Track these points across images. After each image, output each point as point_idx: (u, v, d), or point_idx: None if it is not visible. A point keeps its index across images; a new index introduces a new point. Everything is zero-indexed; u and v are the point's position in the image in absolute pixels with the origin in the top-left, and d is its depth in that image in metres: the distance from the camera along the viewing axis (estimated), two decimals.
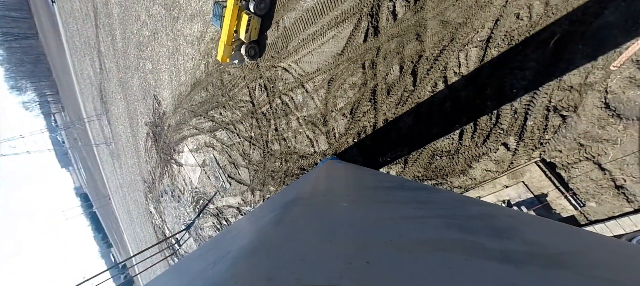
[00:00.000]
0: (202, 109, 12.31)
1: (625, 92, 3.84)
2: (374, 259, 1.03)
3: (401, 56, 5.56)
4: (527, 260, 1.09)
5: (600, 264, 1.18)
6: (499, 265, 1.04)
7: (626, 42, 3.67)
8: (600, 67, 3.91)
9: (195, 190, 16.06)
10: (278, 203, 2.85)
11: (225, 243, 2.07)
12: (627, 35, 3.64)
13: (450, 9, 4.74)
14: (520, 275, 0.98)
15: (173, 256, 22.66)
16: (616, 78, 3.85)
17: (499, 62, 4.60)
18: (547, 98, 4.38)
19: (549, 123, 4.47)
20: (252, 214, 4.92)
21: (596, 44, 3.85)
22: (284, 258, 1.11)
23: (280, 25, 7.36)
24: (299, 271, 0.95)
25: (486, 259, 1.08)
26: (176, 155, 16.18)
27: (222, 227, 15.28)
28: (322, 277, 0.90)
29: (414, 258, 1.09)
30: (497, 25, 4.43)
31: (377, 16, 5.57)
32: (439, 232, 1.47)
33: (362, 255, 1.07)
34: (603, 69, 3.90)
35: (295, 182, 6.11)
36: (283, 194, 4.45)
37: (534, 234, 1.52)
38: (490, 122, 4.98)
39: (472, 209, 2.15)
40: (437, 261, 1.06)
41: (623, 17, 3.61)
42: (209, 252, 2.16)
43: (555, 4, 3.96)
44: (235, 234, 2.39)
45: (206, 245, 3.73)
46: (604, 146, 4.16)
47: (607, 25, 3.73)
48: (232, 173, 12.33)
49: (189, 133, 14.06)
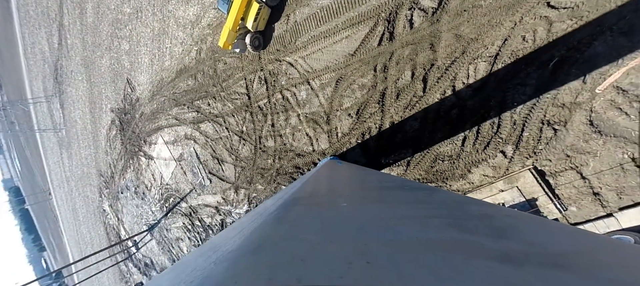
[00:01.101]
0: (186, 98, 11.51)
1: (606, 112, 4.51)
2: (374, 259, 1.03)
3: (414, 62, 5.87)
4: (527, 260, 1.11)
5: (600, 264, 1.20)
6: (499, 265, 1.04)
7: (610, 70, 4.35)
8: (588, 90, 4.56)
9: (166, 187, 14.74)
10: (278, 203, 2.84)
11: (226, 242, 2.05)
12: (611, 64, 4.32)
13: (465, 24, 5.18)
14: (520, 275, 0.99)
15: (127, 261, 20.28)
16: (600, 100, 4.52)
17: (504, 77, 5.11)
18: (542, 112, 4.95)
19: (542, 135, 5.04)
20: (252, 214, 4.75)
21: (586, 69, 4.49)
22: (284, 258, 1.11)
23: (291, 19, 7.31)
24: (299, 271, 0.95)
25: (486, 259, 1.09)
26: (147, 147, 14.77)
27: (194, 228, 14.19)
28: (322, 277, 0.90)
29: (414, 258, 1.10)
30: (505, 44, 4.94)
31: (394, 22, 5.85)
32: (439, 232, 1.49)
33: (362, 255, 1.08)
34: (590, 91, 4.55)
35: (296, 182, 6.01)
36: (283, 193, 4.40)
37: (533, 234, 1.56)
38: (492, 131, 5.45)
39: (472, 209, 2.21)
40: (437, 261, 1.07)
41: (609, 48, 4.29)
42: (209, 252, 2.15)
43: (555, 32, 4.57)
44: (235, 234, 2.35)
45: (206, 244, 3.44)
46: (586, 158, 4.80)
47: (596, 54, 4.39)
48: (214, 169, 11.61)
49: (166, 123, 12.98)
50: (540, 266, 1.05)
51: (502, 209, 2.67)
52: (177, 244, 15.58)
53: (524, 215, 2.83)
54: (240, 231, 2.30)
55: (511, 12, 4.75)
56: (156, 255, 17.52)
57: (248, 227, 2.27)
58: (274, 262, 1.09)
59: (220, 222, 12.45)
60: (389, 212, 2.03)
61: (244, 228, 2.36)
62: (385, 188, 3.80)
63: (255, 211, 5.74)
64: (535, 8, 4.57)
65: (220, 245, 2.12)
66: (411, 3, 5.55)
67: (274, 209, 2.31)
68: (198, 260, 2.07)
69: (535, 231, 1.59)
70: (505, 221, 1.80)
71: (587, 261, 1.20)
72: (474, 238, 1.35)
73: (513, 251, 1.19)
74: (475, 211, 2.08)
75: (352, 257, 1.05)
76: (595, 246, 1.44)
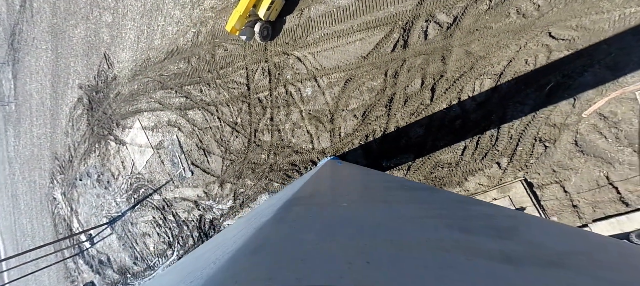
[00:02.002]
0: (175, 82, 10.79)
1: (589, 135, 5.14)
2: (374, 259, 1.04)
3: (424, 72, 6.18)
4: (528, 260, 1.12)
5: (601, 264, 1.22)
6: (499, 265, 1.05)
7: (595, 98, 4.99)
8: (576, 114, 5.16)
9: (137, 176, 13.54)
10: (278, 203, 2.86)
11: (226, 242, 2.05)
12: (597, 93, 4.96)
13: (475, 42, 5.60)
14: (521, 275, 1.00)
15: (77, 258, 18.04)
16: (585, 123, 5.14)
17: (506, 94, 5.59)
18: (536, 130, 5.48)
19: (534, 150, 5.57)
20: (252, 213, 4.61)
21: (576, 95, 5.10)
22: (284, 258, 1.12)
23: (304, 14, 7.30)
24: (299, 271, 0.95)
25: (486, 259, 1.10)
26: (119, 131, 13.49)
27: (166, 223, 13.15)
28: (322, 277, 0.90)
29: (414, 258, 1.11)
30: (509, 65, 5.43)
31: (410, 32, 6.13)
32: (439, 232, 1.50)
33: (362, 255, 1.08)
34: (577, 115, 5.16)
35: (296, 182, 5.94)
36: (283, 194, 4.39)
37: (534, 234, 1.57)
38: (490, 143, 5.89)
39: (472, 209, 2.23)
40: (437, 261, 1.08)
41: (596, 79, 4.93)
42: (209, 251, 2.16)
43: (554, 59, 5.13)
44: (235, 234, 2.36)
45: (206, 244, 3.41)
46: (569, 173, 5.39)
47: (585, 83, 5.01)
48: (198, 160, 10.95)
49: (147, 107, 12.01)
50: (540, 266, 1.07)
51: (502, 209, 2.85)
52: (143, 240, 14.26)
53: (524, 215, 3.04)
54: (240, 231, 2.28)
55: (518, 37, 5.25)
56: (115, 252, 15.84)
57: (248, 227, 2.24)
58: (274, 262, 1.09)
59: (198, 218, 11.70)
60: (390, 212, 2.07)
61: (244, 228, 2.34)
62: (385, 187, 3.87)
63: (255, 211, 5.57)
64: (538, 36, 5.11)
65: (220, 245, 2.11)
66: (428, 16, 5.88)
67: (274, 209, 2.30)
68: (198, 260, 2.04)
69: (535, 231, 1.62)
70: (505, 221, 1.84)
71: (587, 261, 1.23)
72: (474, 238, 1.38)
73: (513, 251, 1.20)
74: (476, 211, 2.13)
75: (352, 257, 1.05)
76: (595, 246, 1.48)
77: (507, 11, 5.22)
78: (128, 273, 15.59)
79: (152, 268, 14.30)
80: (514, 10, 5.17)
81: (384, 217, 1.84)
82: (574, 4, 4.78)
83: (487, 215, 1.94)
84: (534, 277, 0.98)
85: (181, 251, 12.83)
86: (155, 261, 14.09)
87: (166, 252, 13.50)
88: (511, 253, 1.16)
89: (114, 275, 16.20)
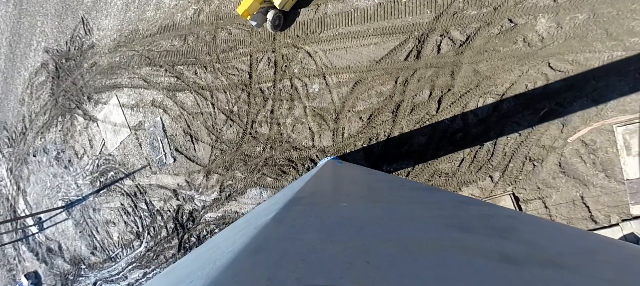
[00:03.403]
0: (166, 60, 10.03)
1: (571, 158, 5.77)
2: (374, 259, 1.05)
3: (433, 84, 6.47)
4: (528, 260, 1.14)
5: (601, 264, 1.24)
6: (499, 264, 1.06)
7: (580, 126, 5.62)
8: (563, 138, 5.76)
9: (107, 158, 12.33)
10: (279, 203, 2.90)
11: (226, 242, 2.07)
12: (582, 121, 5.59)
13: (483, 62, 6.01)
14: (521, 275, 1.01)
15: (20, 243, 15.83)
16: (569, 148, 5.76)
17: (505, 114, 6.06)
18: (527, 149, 6.01)
19: (524, 168, 6.10)
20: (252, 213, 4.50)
21: (565, 122, 5.69)
22: (284, 258, 1.13)
23: (320, 9, 7.25)
24: (299, 271, 0.97)
25: (486, 259, 1.11)
26: (90, 105, 12.18)
27: (136, 212, 12.14)
28: (322, 277, 0.91)
29: (414, 258, 1.12)
30: (511, 87, 5.91)
31: (424, 43, 6.39)
32: (439, 232, 1.52)
33: (362, 255, 1.10)
34: (564, 140, 5.76)
35: (296, 182, 5.89)
36: (283, 193, 4.40)
37: (534, 234, 1.59)
38: (486, 158, 6.34)
39: (472, 209, 2.26)
40: (437, 261, 1.09)
41: (582, 109, 5.56)
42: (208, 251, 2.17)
43: (551, 87, 5.69)
44: (235, 233, 2.38)
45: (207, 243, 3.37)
46: (551, 191, 5.99)
47: (573, 112, 5.62)
48: (183, 146, 10.29)
49: (128, 83, 11.01)
50: (540, 266, 1.08)
51: (502, 209, 3.01)
52: (106, 228, 12.98)
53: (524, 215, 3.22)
54: (240, 231, 2.28)
55: (521, 63, 5.74)
56: (69, 239, 14.18)
57: (248, 227, 2.24)
58: (274, 262, 1.10)
59: (175, 208, 10.95)
60: (390, 212, 2.09)
61: (244, 228, 2.33)
62: (386, 188, 3.94)
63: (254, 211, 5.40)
64: (539, 65, 5.63)
65: (219, 245, 2.11)
66: (443, 31, 6.18)
67: (274, 209, 2.30)
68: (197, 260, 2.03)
69: (535, 231, 1.66)
70: (505, 221, 1.87)
71: (587, 261, 1.25)
72: (474, 238, 1.40)
73: (513, 251, 1.22)
74: (476, 211, 2.16)
75: (352, 257, 1.06)
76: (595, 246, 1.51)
77: (515, 38, 5.69)
78: (83, 263, 14.02)
79: (114, 260, 13.04)
80: (521, 38, 5.65)
81: (384, 217, 1.86)
82: (572, 41, 5.35)
83: (486, 215, 1.99)
84: (533, 277, 0.99)
85: (151, 242, 11.88)
86: (118, 252, 12.88)
87: (133, 243, 12.41)
88: (511, 252, 1.17)
89: (64, 265, 14.47)
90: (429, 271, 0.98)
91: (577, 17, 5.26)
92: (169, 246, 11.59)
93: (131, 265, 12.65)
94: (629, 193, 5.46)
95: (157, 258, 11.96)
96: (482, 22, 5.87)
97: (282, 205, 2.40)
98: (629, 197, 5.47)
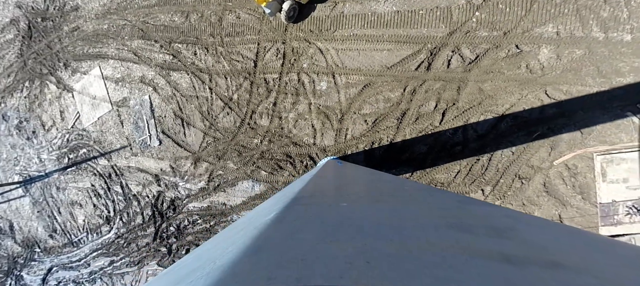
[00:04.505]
0: (162, 36, 9.39)
1: (555, 180, 6.31)
2: (374, 259, 1.06)
3: (439, 96, 6.74)
4: (527, 259, 1.14)
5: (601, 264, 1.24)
6: (499, 264, 1.06)
7: (565, 151, 6.17)
8: (550, 161, 6.29)
9: (80, 133, 11.27)
10: (279, 203, 2.95)
11: (226, 241, 2.08)
12: (568, 147, 6.15)
13: (488, 82, 6.38)
14: (521, 275, 1.01)
15: None
16: (554, 170, 6.30)
17: (502, 133, 6.48)
18: (518, 167, 6.48)
19: (513, 184, 6.56)
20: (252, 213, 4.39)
21: (554, 145, 6.22)
22: (284, 258, 1.14)
23: (338, 8, 7.23)
24: (299, 271, 0.97)
25: (486, 259, 1.11)
26: (66, 73, 11.05)
27: (109, 195, 11.25)
28: (322, 277, 0.92)
29: (414, 258, 1.12)
30: (510, 108, 6.34)
31: (435, 56, 6.64)
32: (439, 232, 1.52)
33: (362, 255, 1.10)
34: (550, 162, 6.30)
35: (296, 181, 5.85)
36: (284, 193, 4.42)
37: (534, 234, 1.59)
38: (480, 172, 6.72)
39: (472, 209, 2.26)
40: (437, 261, 1.09)
41: (569, 136, 6.11)
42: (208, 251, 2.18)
43: (545, 112, 6.18)
44: (235, 233, 2.41)
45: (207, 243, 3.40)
46: (534, 208, 6.51)
47: (561, 138, 6.16)
48: (172, 129, 9.71)
49: (116, 54, 10.15)
50: (540, 266, 1.09)
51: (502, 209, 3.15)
52: (70, 209, 11.83)
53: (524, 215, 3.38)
54: (240, 231, 2.29)
55: (522, 87, 6.18)
56: (23, 219, 12.70)
57: (248, 227, 2.26)
58: (274, 262, 1.10)
59: (155, 194, 10.30)
60: (390, 212, 2.10)
61: (244, 228, 2.35)
62: (386, 188, 4.01)
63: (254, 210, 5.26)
64: (537, 91, 6.10)
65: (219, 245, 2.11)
66: (455, 47, 6.46)
67: (274, 209, 2.32)
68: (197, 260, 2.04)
69: (535, 231, 1.66)
70: (505, 221, 1.88)
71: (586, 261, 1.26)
72: (474, 238, 1.40)
73: (513, 251, 1.22)
74: (476, 211, 2.17)
75: (352, 257, 1.07)
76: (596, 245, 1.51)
77: (519, 63, 6.11)
78: (37, 246, 12.63)
79: (76, 245, 11.92)
80: (524, 64, 6.08)
81: (384, 217, 1.87)
82: (568, 73, 5.88)
83: (486, 215, 2.01)
84: (533, 277, 1.00)
85: (123, 229, 11.03)
86: (82, 236, 11.79)
87: (101, 228, 11.43)
88: (511, 252, 1.18)
89: (14, 247, 12.92)
90: (429, 271, 0.98)
91: (575, 52, 5.79)
92: (143, 234, 10.83)
93: (96, 252, 11.64)
94: (600, 216, 6.10)
95: (128, 247, 11.13)
96: (491, 44, 6.23)
97: (282, 205, 2.40)
98: (600, 219, 6.11)
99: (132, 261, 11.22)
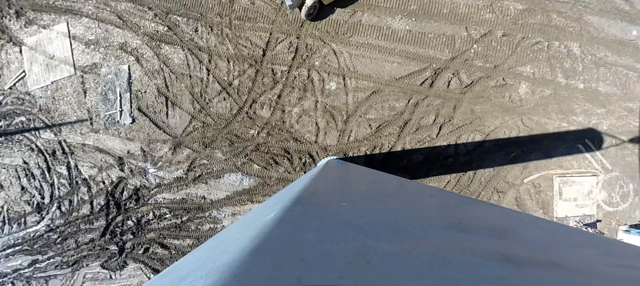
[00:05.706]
0: (160, 4, 8.58)
1: (523, 195, 7.40)
2: (374, 259, 1.07)
3: (438, 112, 7.49)
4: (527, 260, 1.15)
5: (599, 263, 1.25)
6: (499, 265, 1.07)
7: (534, 171, 7.35)
8: (521, 179, 7.40)
9: (21, 96, 9.29)
10: (279, 202, 3.04)
11: (225, 241, 2.11)
12: (535, 168, 7.34)
13: (479, 105, 7.37)
14: (520, 275, 1.02)
15: None
16: (524, 187, 7.40)
17: (486, 151, 7.44)
18: (497, 182, 7.45)
19: (492, 197, 7.47)
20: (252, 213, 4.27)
21: (525, 166, 7.36)
22: (284, 258, 1.15)
23: (356, 16, 7.66)
24: (299, 271, 0.98)
25: (486, 259, 1.12)
26: (18, 23, 9.16)
27: (46, 177, 9.31)
28: (322, 277, 0.93)
29: (414, 258, 1.14)
30: (494, 130, 7.37)
31: (438, 76, 7.44)
32: (439, 232, 1.54)
33: (362, 255, 1.11)
34: (521, 180, 7.40)
35: (297, 181, 5.83)
36: (284, 193, 4.50)
37: (534, 234, 1.61)
38: (467, 183, 7.51)
39: (472, 209, 2.30)
40: (437, 261, 1.10)
41: (538, 159, 7.33)
42: (208, 251, 2.21)
43: (520, 137, 7.34)
44: (235, 233, 2.44)
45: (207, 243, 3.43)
46: None
47: (531, 160, 7.34)
48: (152, 108, 8.69)
49: (93, 13, 8.85)
50: (540, 265, 1.10)
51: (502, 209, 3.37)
52: None
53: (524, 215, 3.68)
54: (240, 231, 2.33)
55: (504, 113, 7.28)
56: None
57: (248, 227, 2.28)
58: (274, 262, 1.12)
59: (114, 181, 8.86)
60: (389, 212, 2.13)
61: (244, 228, 2.42)
62: (386, 188, 4.11)
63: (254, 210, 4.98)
64: (515, 119, 7.27)
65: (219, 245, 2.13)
66: (455, 70, 7.37)
67: (274, 209, 2.35)
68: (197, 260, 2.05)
69: (534, 231, 1.69)
70: (505, 221, 1.92)
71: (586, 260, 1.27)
72: (474, 238, 1.43)
73: (513, 251, 1.23)
74: (475, 211, 2.20)
75: (352, 257, 1.08)
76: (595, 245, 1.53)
77: (504, 93, 7.25)
78: None
79: None
80: (508, 94, 7.23)
81: (384, 217, 1.89)
82: (539, 107, 7.18)
83: (486, 215, 2.04)
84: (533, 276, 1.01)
85: (59, 221, 9.06)
86: None
87: (26, 218, 9.19)
88: (511, 252, 1.19)
89: None
90: (429, 271, 0.99)
91: (544, 91, 7.15)
92: (88, 228, 9.02)
93: (12, 248, 9.21)
94: None
95: (63, 243, 9.10)
96: (484, 74, 7.30)
97: (282, 205, 2.38)
98: None
99: (64, 262, 9.12)
